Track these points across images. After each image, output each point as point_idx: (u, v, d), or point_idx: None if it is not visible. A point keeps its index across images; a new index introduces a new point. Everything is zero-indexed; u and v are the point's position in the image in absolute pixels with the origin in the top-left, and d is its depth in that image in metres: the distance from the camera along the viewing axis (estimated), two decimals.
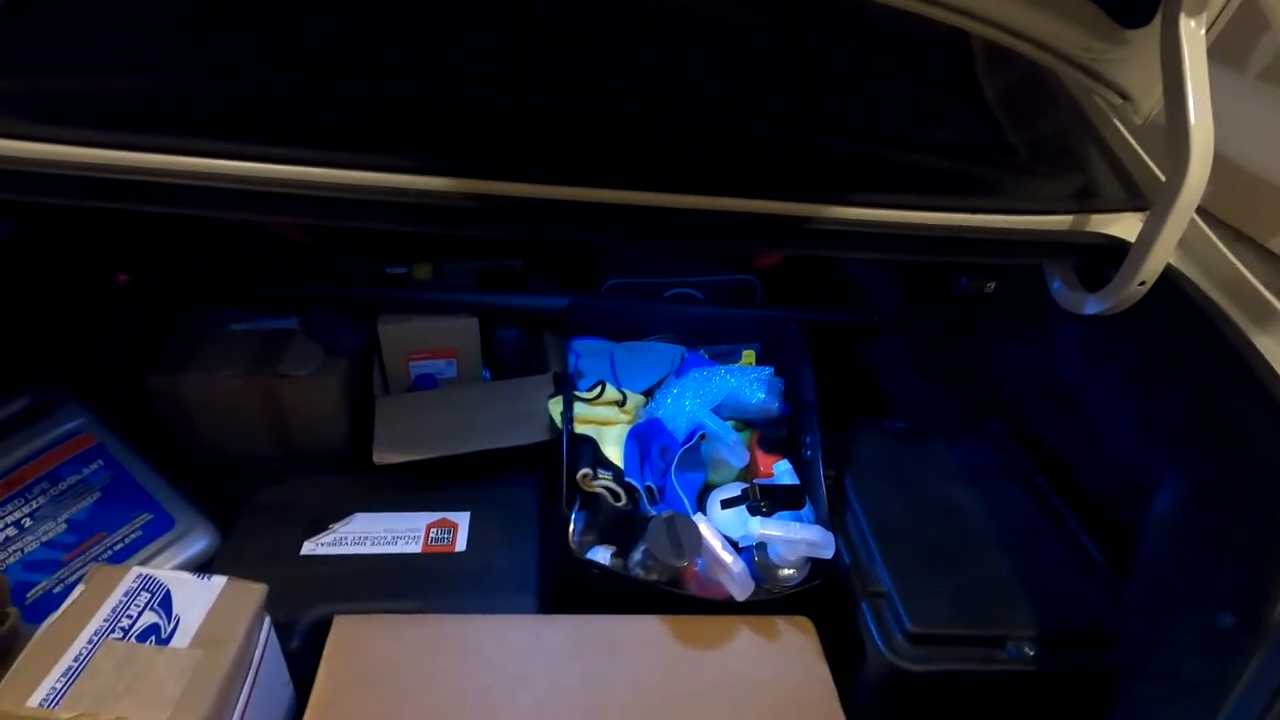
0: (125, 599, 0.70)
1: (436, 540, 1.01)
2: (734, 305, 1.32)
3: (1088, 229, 0.81)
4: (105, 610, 0.68)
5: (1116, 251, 0.79)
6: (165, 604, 0.71)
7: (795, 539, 0.83)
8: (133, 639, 0.67)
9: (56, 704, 0.60)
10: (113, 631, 0.67)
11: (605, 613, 0.85)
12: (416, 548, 1.00)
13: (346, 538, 1.00)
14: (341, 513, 1.04)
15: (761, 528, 0.84)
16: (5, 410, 1.02)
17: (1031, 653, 0.79)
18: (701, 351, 1.20)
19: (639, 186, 0.70)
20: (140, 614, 0.69)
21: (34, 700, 0.60)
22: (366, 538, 1.01)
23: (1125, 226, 0.81)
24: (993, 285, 0.89)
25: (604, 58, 0.91)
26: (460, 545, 1.01)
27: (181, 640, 0.68)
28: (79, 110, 0.69)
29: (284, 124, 0.71)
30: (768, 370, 1.07)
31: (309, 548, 0.99)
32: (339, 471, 1.15)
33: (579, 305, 1.18)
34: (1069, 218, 0.80)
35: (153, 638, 0.67)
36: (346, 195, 0.68)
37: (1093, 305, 0.81)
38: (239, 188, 0.67)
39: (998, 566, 0.88)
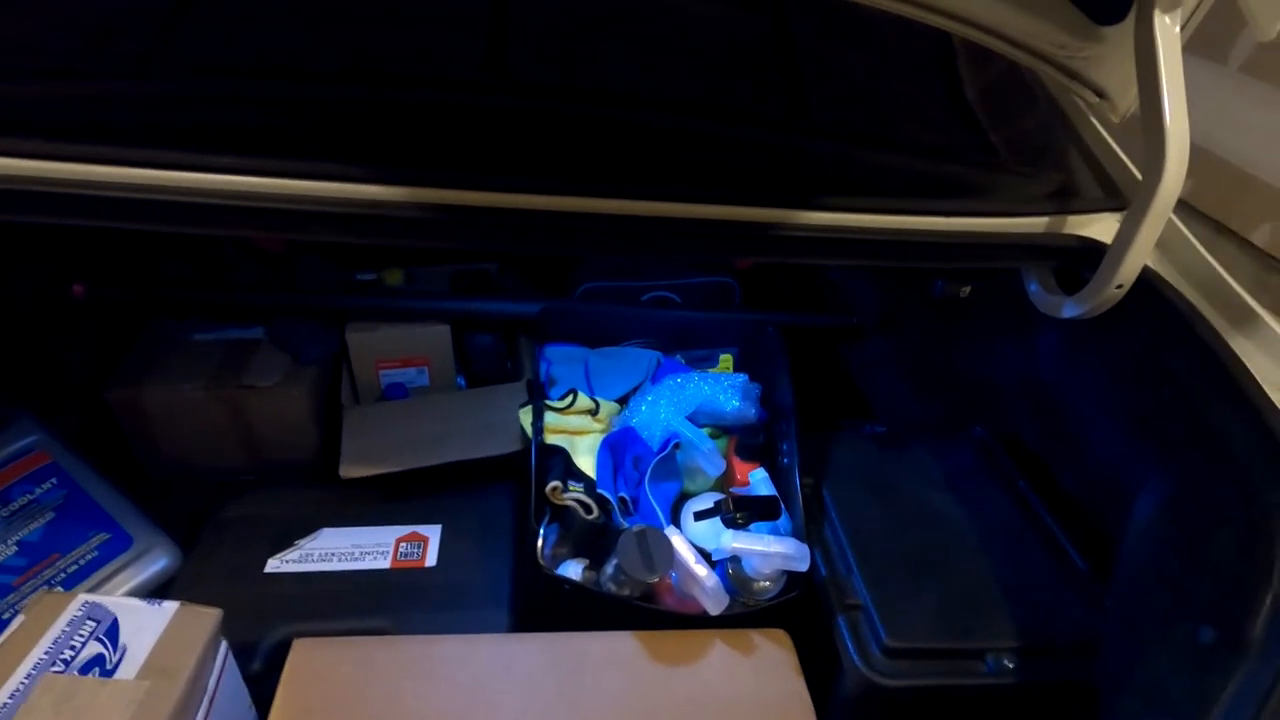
0: (69, 629, 0.67)
1: (406, 555, 0.98)
2: (712, 308, 1.29)
3: (1064, 231, 0.79)
4: (46, 641, 0.65)
5: (1093, 253, 0.77)
6: (112, 633, 0.68)
7: (770, 552, 0.81)
8: (75, 671, 0.64)
9: None
10: (54, 664, 0.64)
11: (578, 628, 0.83)
12: (385, 563, 0.97)
13: (313, 554, 0.98)
14: (308, 528, 1.01)
15: (734, 541, 0.81)
16: None
17: (1011, 665, 0.77)
18: (678, 356, 1.18)
19: (615, 195, 0.68)
20: (84, 644, 0.66)
21: None
22: (333, 554, 0.98)
23: (1103, 228, 0.80)
24: (968, 289, 0.87)
25: (583, 60, 0.89)
26: (431, 560, 0.98)
27: (128, 671, 0.65)
28: (21, 119, 0.65)
29: (246, 132, 0.69)
30: (742, 376, 1.05)
31: (273, 565, 0.96)
32: (306, 485, 1.12)
33: (552, 311, 1.15)
34: (1045, 219, 0.78)
35: (96, 669, 0.65)
36: (308, 208, 0.65)
37: (1070, 308, 0.79)
38: (199, 201, 0.65)
39: (978, 576, 0.86)
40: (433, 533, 1.01)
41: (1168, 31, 0.66)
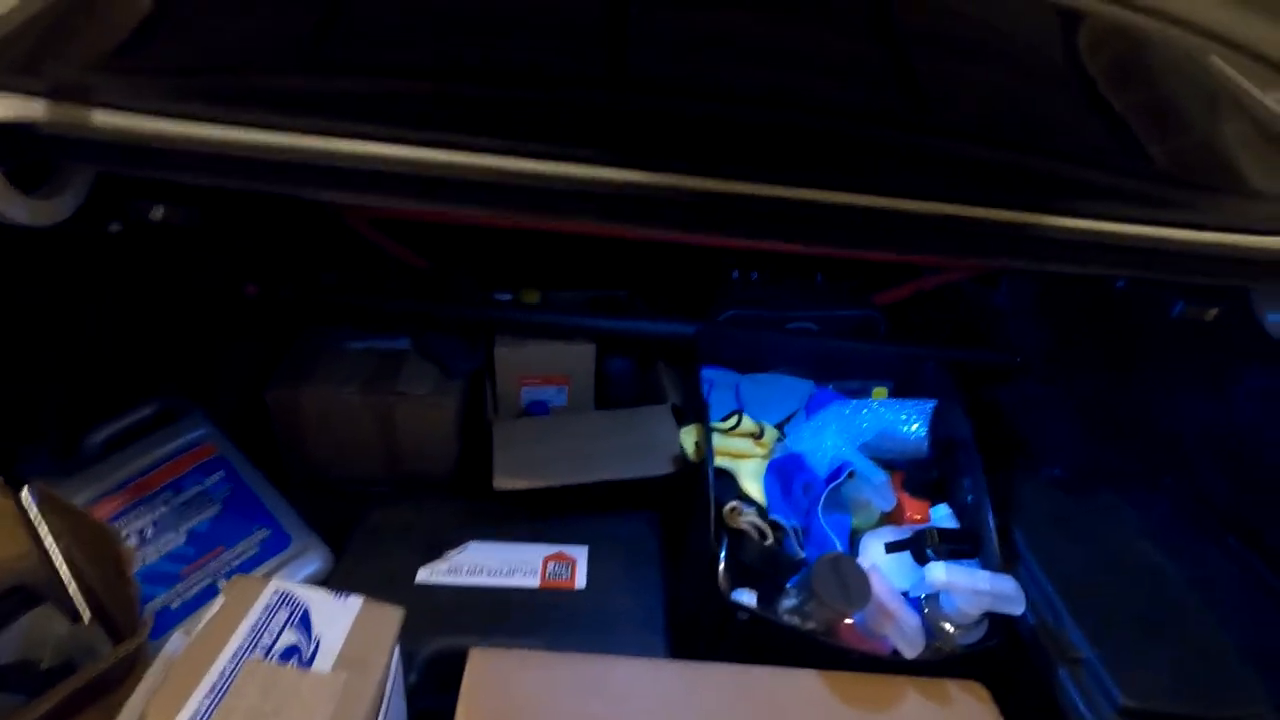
0: (265, 616, 0.65)
1: (555, 575, 0.95)
2: (856, 340, 1.24)
3: None
4: (246, 627, 0.63)
5: None
6: (305, 623, 0.66)
7: (982, 590, 0.74)
8: (275, 659, 0.62)
9: None
10: (254, 650, 0.62)
11: (745, 661, 0.77)
12: (535, 582, 0.93)
13: (462, 567, 0.95)
14: (455, 540, 0.98)
15: (947, 575, 0.74)
16: (133, 416, 1.00)
17: None
18: (830, 387, 1.13)
19: (831, 187, 0.67)
20: (280, 632, 0.64)
21: (182, 718, 0.55)
22: (483, 568, 0.95)
23: None
24: (1214, 312, 0.81)
25: (701, 69, 0.88)
26: (580, 582, 0.94)
27: (324, 663, 0.62)
28: (254, 99, 0.68)
29: (428, 115, 0.70)
30: (929, 404, 0.99)
31: (424, 575, 0.93)
32: (450, 497, 1.10)
33: (707, 333, 1.13)
34: None
35: (295, 658, 0.62)
36: (534, 184, 0.66)
37: None
38: (411, 172, 0.66)
39: (1211, 635, 0.77)
40: (579, 554, 0.97)
41: None
